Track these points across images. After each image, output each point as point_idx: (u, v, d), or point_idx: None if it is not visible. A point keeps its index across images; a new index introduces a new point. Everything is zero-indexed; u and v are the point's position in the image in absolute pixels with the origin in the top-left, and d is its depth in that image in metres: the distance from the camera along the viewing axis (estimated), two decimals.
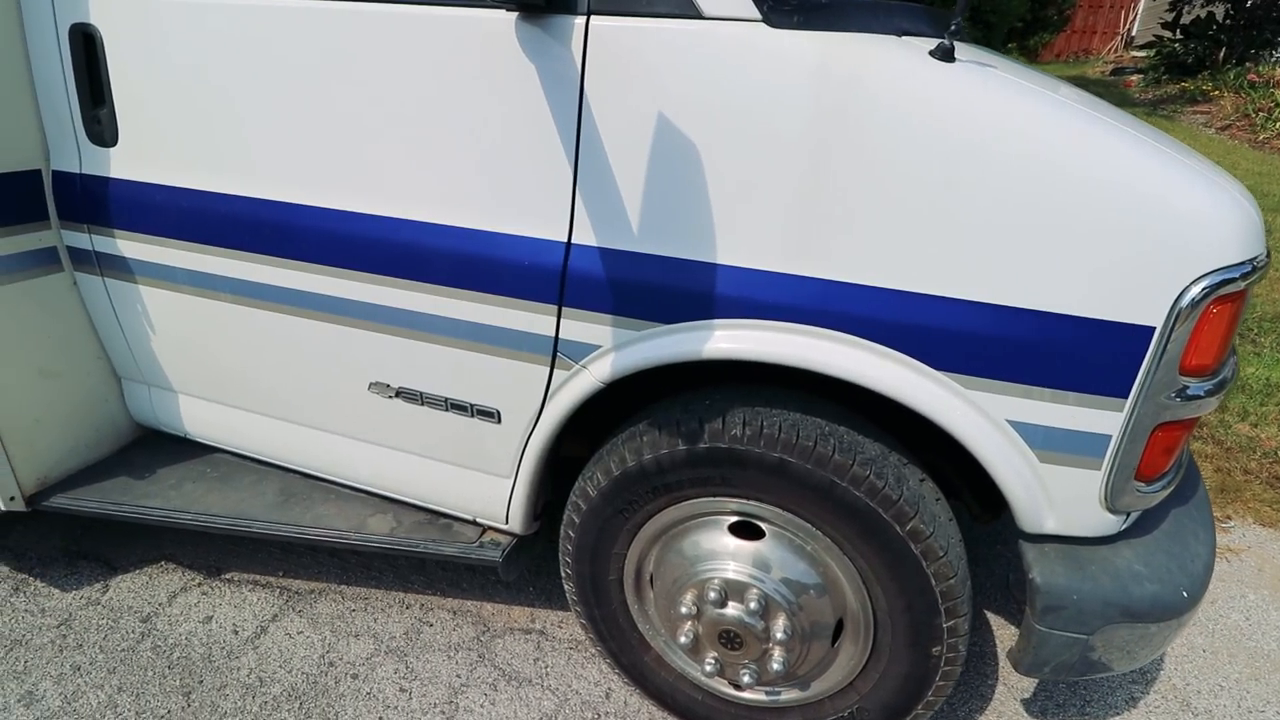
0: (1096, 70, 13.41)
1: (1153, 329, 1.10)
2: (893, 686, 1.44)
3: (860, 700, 1.49)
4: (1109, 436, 1.19)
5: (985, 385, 1.19)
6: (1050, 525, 1.29)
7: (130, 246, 1.70)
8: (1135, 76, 11.65)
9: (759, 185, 1.19)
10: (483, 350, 1.46)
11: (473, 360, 1.48)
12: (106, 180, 1.67)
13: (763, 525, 1.43)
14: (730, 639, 1.46)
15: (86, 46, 1.58)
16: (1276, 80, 8.78)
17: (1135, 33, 15.93)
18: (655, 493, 1.43)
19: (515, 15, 1.23)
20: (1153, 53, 11.28)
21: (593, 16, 1.20)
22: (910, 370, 1.21)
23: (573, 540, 1.58)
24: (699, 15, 1.16)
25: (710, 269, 1.25)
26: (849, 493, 1.29)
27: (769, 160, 1.17)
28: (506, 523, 1.68)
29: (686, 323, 1.28)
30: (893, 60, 1.14)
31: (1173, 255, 1.07)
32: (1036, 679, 1.86)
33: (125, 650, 1.86)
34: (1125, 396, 1.15)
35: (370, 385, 1.63)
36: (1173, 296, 1.08)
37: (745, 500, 1.40)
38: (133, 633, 1.91)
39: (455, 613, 2.00)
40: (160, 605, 2.00)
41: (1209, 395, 1.18)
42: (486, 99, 1.29)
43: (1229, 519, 2.47)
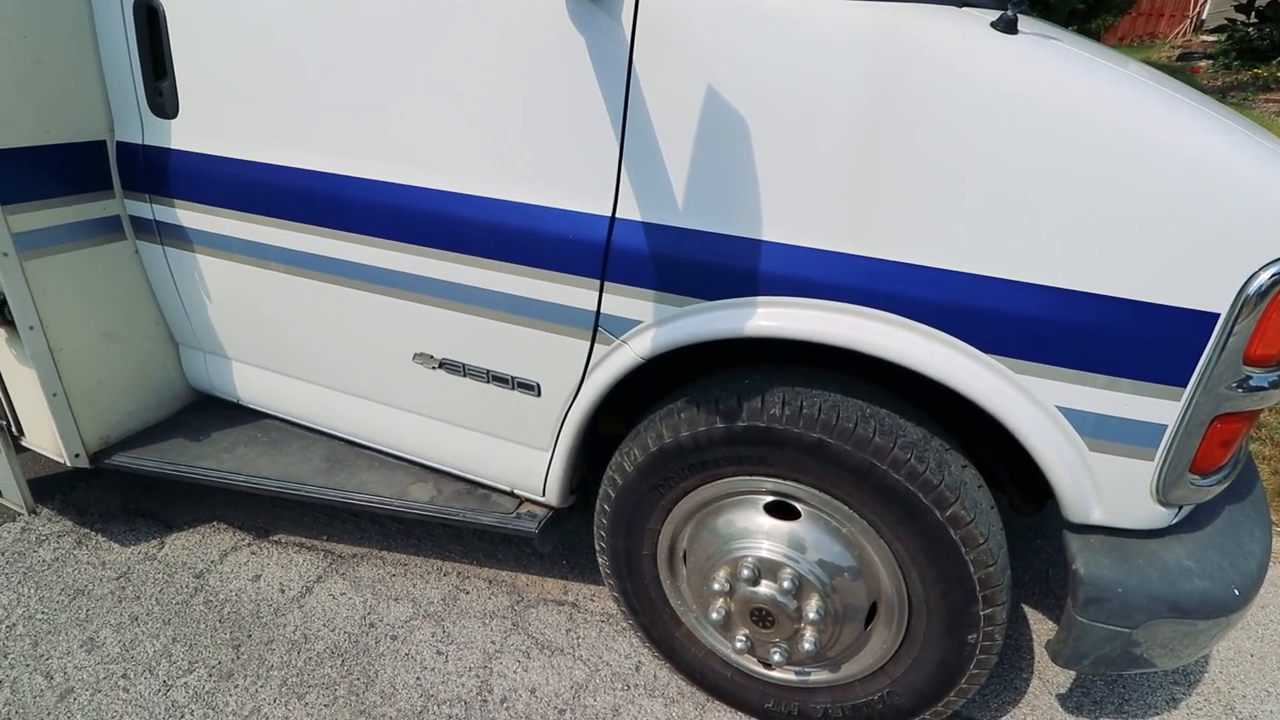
0: (1163, 55, 12.81)
1: (1216, 315, 1.06)
2: (925, 673, 1.43)
3: (891, 684, 1.48)
4: (1164, 426, 1.15)
5: (1035, 370, 1.16)
6: (1097, 516, 1.26)
7: (189, 216, 1.76)
8: (1204, 62, 11.10)
9: (809, 161, 1.17)
10: (525, 323, 1.47)
11: (515, 333, 1.49)
12: (167, 151, 1.73)
13: (799, 506, 1.42)
14: (762, 617, 1.47)
15: (150, 21, 1.63)
16: None
17: (1206, 16, 15.15)
18: (692, 470, 1.44)
19: None
20: (1224, 37, 10.72)
21: None
22: (958, 353, 1.18)
23: (608, 514, 1.59)
24: None
25: (756, 245, 1.24)
26: (889, 476, 1.27)
27: (822, 135, 1.15)
28: (543, 495, 1.71)
29: (729, 299, 1.28)
30: (953, 31, 1.10)
31: (1240, 239, 1.03)
32: (1075, 672, 1.82)
33: (179, 604, 1.95)
34: (1184, 385, 1.11)
35: (415, 356, 1.66)
36: (1239, 282, 1.04)
37: (782, 480, 1.39)
38: (186, 587, 2.00)
39: (491, 582, 2.05)
40: (212, 563, 2.09)
41: (1273, 387, 1.13)
42: (535, 72, 1.30)
43: None
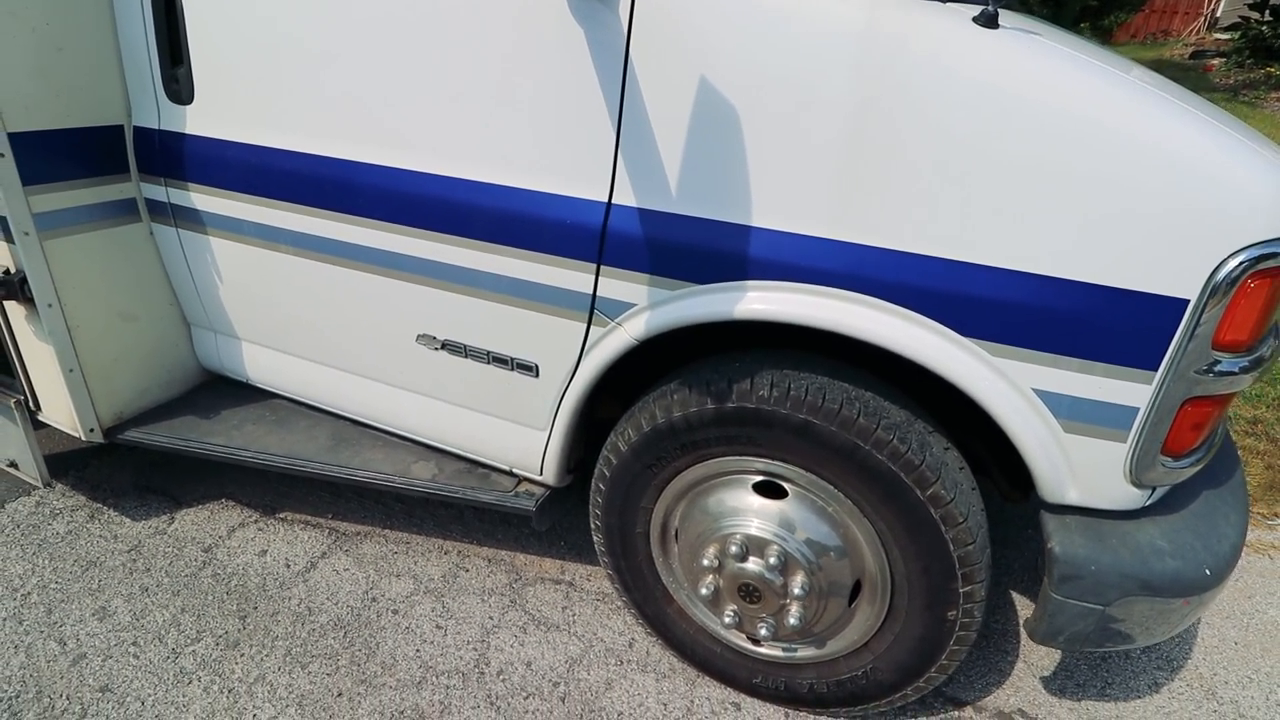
0: (1175, 53, 12.72)
1: (1186, 301, 1.09)
2: (907, 648, 1.48)
3: (874, 660, 1.53)
4: (1136, 409, 1.19)
5: (1012, 353, 1.20)
6: (1072, 496, 1.30)
7: (202, 199, 1.82)
8: (1217, 60, 11.03)
9: (799, 150, 1.22)
10: (524, 305, 1.52)
11: (514, 315, 1.54)
12: (182, 136, 1.78)
13: (786, 485, 1.47)
14: (749, 592, 1.52)
15: (168, 9, 1.68)
16: None
17: (1220, 13, 15.01)
18: (683, 449, 1.49)
19: None
20: (1237, 35, 10.64)
21: None
22: (938, 337, 1.22)
23: (603, 493, 1.64)
24: None
25: (746, 231, 1.28)
26: (872, 456, 1.32)
27: (811, 124, 1.19)
28: (541, 474, 1.76)
29: (720, 283, 1.32)
30: (937, 25, 1.14)
31: (1210, 226, 1.06)
32: (1059, 654, 1.86)
33: (188, 576, 2.01)
34: (1155, 369, 1.15)
35: (418, 337, 1.72)
36: (1209, 269, 1.07)
37: (770, 460, 1.44)
38: (195, 561, 2.07)
39: (490, 560, 2.10)
40: (220, 538, 2.15)
41: (1243, 372, 1.16)
42: (537, 63, 1.34)
43: (1278, 516, 2.40)
